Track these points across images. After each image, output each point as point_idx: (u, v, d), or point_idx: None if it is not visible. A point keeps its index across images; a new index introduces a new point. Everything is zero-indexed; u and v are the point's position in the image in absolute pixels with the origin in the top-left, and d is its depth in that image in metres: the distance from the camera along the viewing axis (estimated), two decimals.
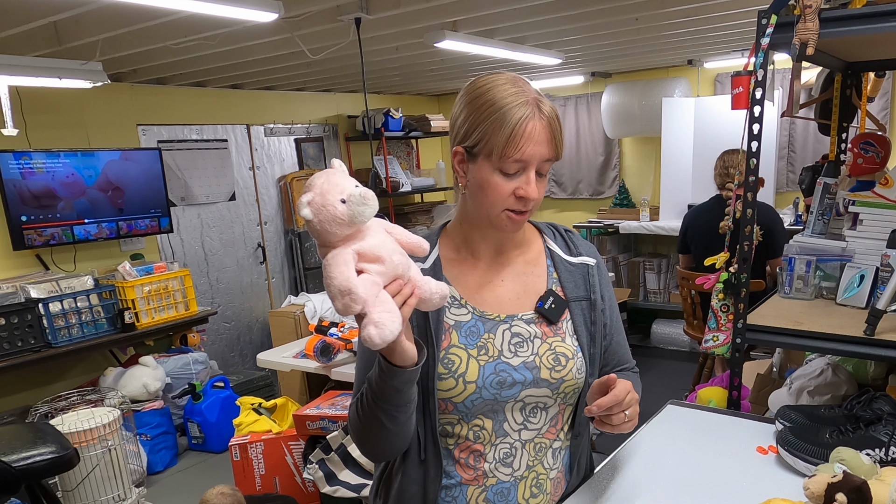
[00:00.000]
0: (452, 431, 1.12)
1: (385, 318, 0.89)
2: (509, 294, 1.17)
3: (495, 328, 1.13)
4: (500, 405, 1.11)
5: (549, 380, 1.12)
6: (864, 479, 1.05)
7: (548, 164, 1.07)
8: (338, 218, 0.88)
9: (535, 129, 1.03)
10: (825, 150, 3.79)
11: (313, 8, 2.95)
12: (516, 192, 1.06)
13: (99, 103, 4.41)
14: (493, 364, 1.10)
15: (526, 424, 1.13)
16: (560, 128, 1.07)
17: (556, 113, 1.07)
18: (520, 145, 1.02)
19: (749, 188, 1.70)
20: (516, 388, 1.10)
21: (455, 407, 1.10)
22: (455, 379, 1.09)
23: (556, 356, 1.13)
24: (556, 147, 1.06)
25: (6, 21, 2.77)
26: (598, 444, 3.70)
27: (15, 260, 4.04)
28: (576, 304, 1.18)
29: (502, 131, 1.02)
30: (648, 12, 3.30)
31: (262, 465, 3.05)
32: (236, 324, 5.46)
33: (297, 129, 5.86)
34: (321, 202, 0.88)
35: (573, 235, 1.28)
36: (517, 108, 1.03)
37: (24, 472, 2.29)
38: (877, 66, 2.19)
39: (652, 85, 5.53)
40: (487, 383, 1.09)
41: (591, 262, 1.23)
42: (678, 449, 1.42)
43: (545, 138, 1.04)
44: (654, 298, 5.75)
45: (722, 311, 1.90)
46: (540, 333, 1.14)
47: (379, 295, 0.91)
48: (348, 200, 0.88)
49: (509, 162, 1.04)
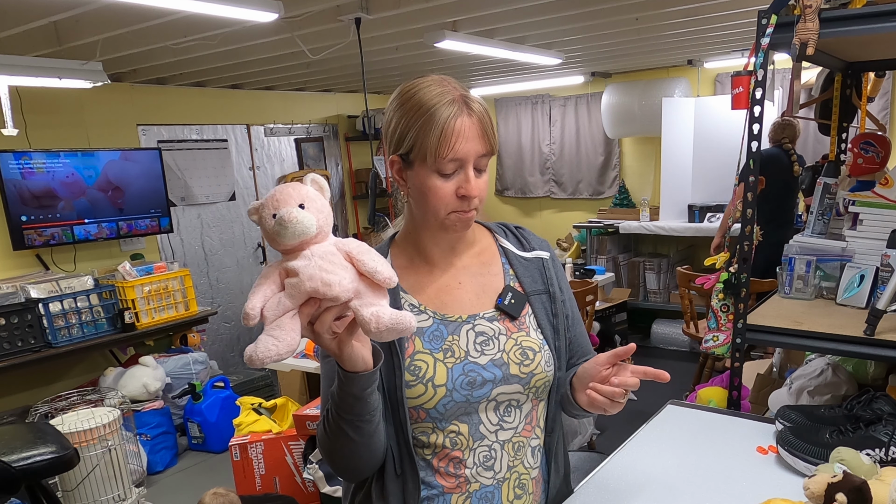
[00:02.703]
0: (428, 441, 1.10)
1: (264, 342, 0.86)
2: (468, 295, 1.15)
3: (458, 329, 1.12)
4: (472, 406, 1.09)
5: (518, 375, 1.11)
6: (864, 479, 1.05)
7: (484, 159, 1.06)
8: (266, 231, 0.89)
9: (464, 125, 1.02)
10: (825, 150, 3.81)
11: (313, 8, 2.95)
12: (458, 191, 1.05)
13: (99, 103, 4.41)
14: (461, 365, 1.09)
15: (502, 424, 1.12)
16: (491, 122, 1.07)
17: (484, 108, 1.07)
18: (452, 144, 1.02)
19: (749, 188, 1.70)
20: (487, 386, 1.09)
21: (427, 413, 1.08)
22: (424, 384, 1.07)
23: (522, 350, 1.12)
24: (489, 141, 1.05)
25: (6, 21, 2.77)
26: (598, 444, 3.70)
27: (15, 260, 4.04)
28: (535, 297, 1.17)
29: (433, 132, 1.02)
30: (648, 12, 3.30)
31: (262, 465, 3.05)
32: (236, 324, 5.46)
33: (297, 129, 5.86)
34: (262, 211, 0.89)
35: (524, 231, 1.27)
36: (444, 107, 1.02)
37: (24, 472, 2.29)
38: (877, 66, 2.19)
39: (652, 85, 5.53)
40: (458, 385, 1.07)
41: (545, 256, 1.22)
42: (678, 449, 1.42)
43: (476, 133, 1.04)
44: (654, 298, 5.75)
45: (722, 311, 1.90)
46: (504, 330, 1.13)
47: (282, 317, 0.87)
48: (277, 219, 0.87)
49: (445, 162, 1.03)
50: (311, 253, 0.89)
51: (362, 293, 0.90)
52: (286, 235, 0.87)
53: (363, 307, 0.89)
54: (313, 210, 0.89)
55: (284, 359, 0.90)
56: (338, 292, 0.87)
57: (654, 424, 1.56)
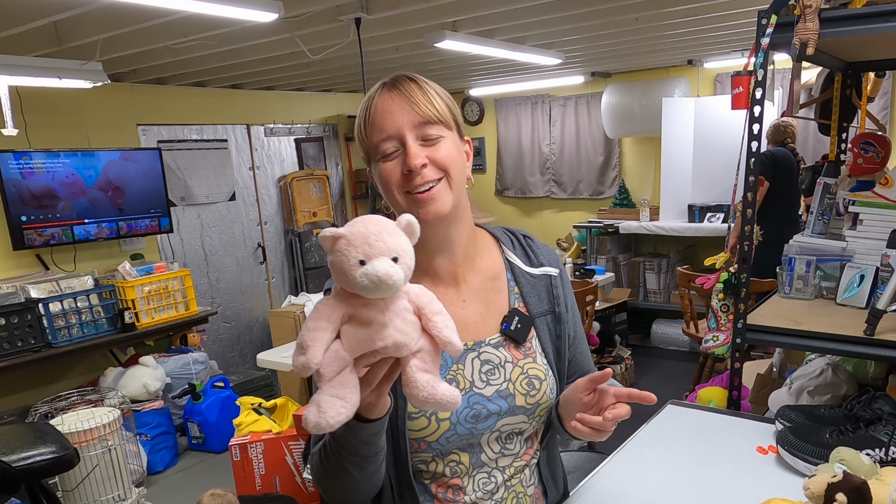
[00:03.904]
0: (427, 469, 1.06)
1: (330, 405, 0.75)
2: (473, 316, 1.09)
3: (464, 357, 1.06)
4: (475, 438, 1.05)
5: (524, 406, 1.06)
6: (864, 479, 1.05)
7: (429, 126, 0.99)
8: (346, 275, 0.75)
9: (385, 100, 0.99)
10: (825, 150, 3.81)
11: (313, 8, 2.95)
12: (402, 168, 0.98)
13: (99, 103, 4.41)
14: (466, 397, 1.03)
15: (503, 452, 1.08)
16: (422, 88, 1.00)
17: (415, 80, 1.01)
18: (377, 123, 0.98)
19: (749, 188, 1.70)
20: (492, 419, 1.05)
21: (429, 445, 1.03)
22: (427, 418, 1.01)
23: (529, 380, 1.07)
24: (420, 107, 0.98)
25: (6, 21, 2.77)
26: (598, 444, 3.70)
27: (15, 260, 4.04)
28: (541, 319, 1.12)
29: (364, 120, 1.01)
30: (648, 12, 3.30)
31: (262, 465, 3.05)
32: (236, 324, 5.46)
33: (297, 129, 5.86)
34: (343, 247, 0.75)
35: (532, 242, 1.20)
36: (370, 93, 1.01)
37: (24, 472, 2.29)
38: (877, 66, 2.19)
39: (652, 85, 5.53)
40: (462, 418, 1.03)
41: (553, 273, 1.15)
42: (678, 449, 1.42)
43: (402, 104, 0.98)
44: (654, 298, 5.75)
45: (722, 311, 1.91)
46: (510, 357, 1.08)
47: (343, 372, 0.77)
48: (364, 269, 0.74)
49: (381, 144, 0.99)
50: (385, 307, 0.78)
51: (423, 352, 0.81)
52: (374, 293, 0.75)
53: (418, 371, 0.80)
54: (404, 266, 0.76)
55: None
56: (406, 354, 0.79)
57: (654, 424, 1.56)
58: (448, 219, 1.03)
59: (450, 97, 1.05)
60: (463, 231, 1.09)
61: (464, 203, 1.07)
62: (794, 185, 4.14)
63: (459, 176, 1.02)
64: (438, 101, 1.00)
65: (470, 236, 1.11)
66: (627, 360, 4.81)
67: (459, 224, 1.07)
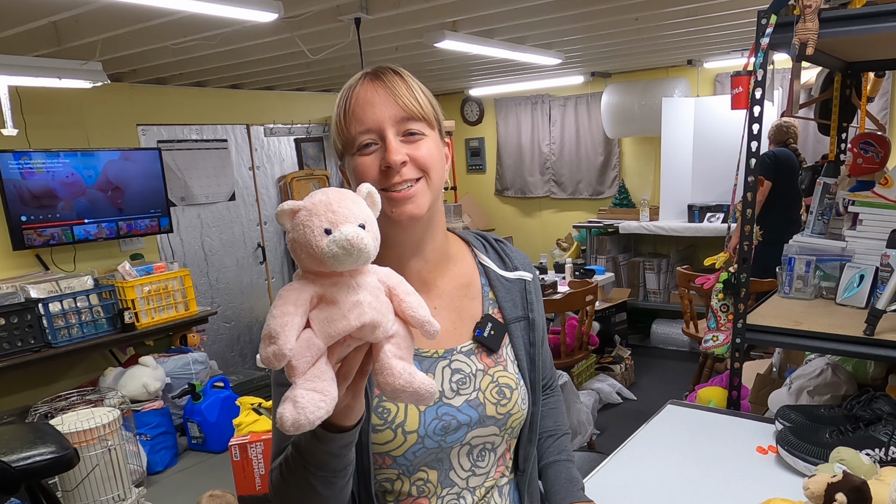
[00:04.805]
0: (392, 488, 0.98)
1: (308, 399, 0.67)
2: (445, 323, 1.02)
3: (434, 366, 0.99)
4: (444, 452, 0.98)
5: (495, 416, 1.00)
6: (864, 479, 1.05)
7: (411, 122, 0.93)
8: (311, 247, 0.69)
9: (366, 91, 0.93)
10: (825, 150, 3.81)
11: (313, 8, 2.95)
12: (381, 165, 0.92)
13: (99, 103, 4.41)
14: (435, 408, 0.96)
15: (474, 470, 1.02)
16: (406, 82, 0.94)
17: (399, 73, 0.95)
18: (357, 114, 0.92)
19: (749, 188, 1.70)
20: (461, 430, 0.98)
21: (394, 461, 0.96)
22: (393, 430, 0.94)
23: (499, 388, 1.01)
24: (404, 101, 0.92)
25: (6, 21, 2.77)
26: (598, 444, 3.71)
27: (15, 260, 4.04)
28: (515, 325, 1.06)
29: (342, 111, 0.94)
30: (648, 12, 3.30)
31: (262, 465, 3.05)
32: (236, 324, 5.46)
33: (296, 129, 5.86)
34: (305, 218, 0.69)
35: (506, 246, 1.14)
36: (350, 84, 0.95)
37: (24, 472, 2.29)
38: (877, 66, 2.19)
39: (652, 85, 5.53)
40: (430, 430, 0.95)
41: (527, 278, 1.10)
42: (678, 449, 1.42)
43: (387, 97, 0.92)
44: (654, 298, 5.75)
45: (722, 311, 1.91)
46: (482, 366, 1.02)
47: (318, 363, 0.69)
48: (332, 236, 0.68)
49: (359, 137, 0.92)
50: (356, 284, 0.71)
51: (397, 338, 0.75)
52: (345, 261, 0.68)
53: (394, 357, 0.73)
54: (372, 233, 0.71)
55: None
56: (381, 338, 0.72)
57: (654, 424, 1.56)
58: (422, 221, 0.97)
59: (432, 96, 1.00)
60: (436, 235, 1.03)
61: (439, 206, 1.01)
62: (795, 185, 4.15)
63: (438, 177, 0.97)
64: (422, 98, 0.95)
65: (442, 241, 1.05)
66: (627, 360, 4.81)
67: (433, 228, 1.01)
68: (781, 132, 4.26)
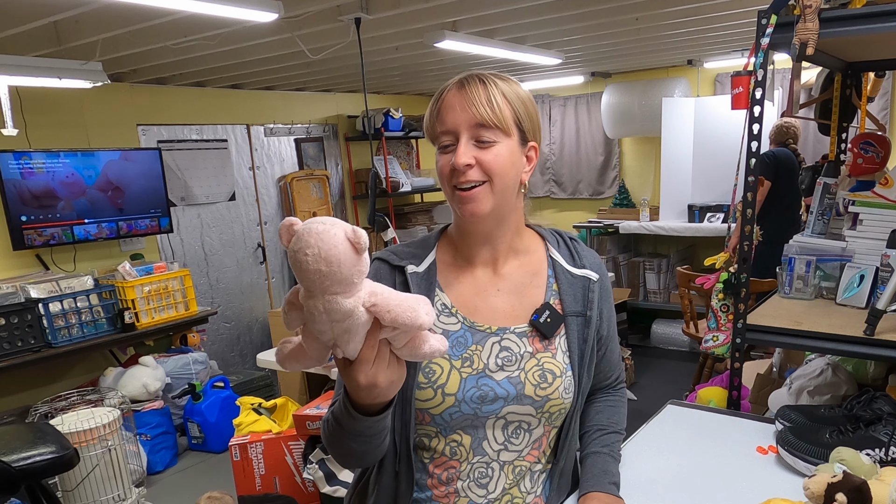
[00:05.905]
0: (429, 445, 1.08)
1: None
2: (504, 305, 1.11)
3: (484, 340, 1.08)
4: (480, 421, 1.06)
5: (533, 397, 1.07)
6: (864, 479, 1.05)
7: (484, 129, 1.02)
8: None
9: (453, 97, 1.04)
10: (825, 150, 3.82)
11: (313, 8, 2.95)
12: (452, 165, 1.04)
13: (99, 103, 4.41)
14: (476, 378, 1.05)
15: (507, 445, 1.08)
16: (487, 91, 1.03)
17: (485, 81, 1.04)
18: (440, 116, 1.04)
19: (749, 188, 1.70)
20: (498, 403, 1.06)
21: (432, 419, 1.05)
22: (434, 390, 1.04)
23: (542, 373, 1.08)
24: (478, 109, 1.02)
25: (6, 21, 2.77)
26: None
27: (15, 260, 4.04)
28: (572, 319, 1.12)
29: (433, 112, 1.07)
30: (648, 12, 3.30)
31: (262, 465, 3.05)
32: (236, 324, 5.46)
33: (297, 129, 5.86)
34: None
35: (579, 245, 1.21)
36: (444, 86, 1.07)
37: (24, 472, 2.29)
38: (877, 66, 2.19)
39: (652, 85, 5.53)
40: (468, 397, 1.04)
41: (593, 277, 1.16)
42: (678, 449, 1.42)
43: (466, 103, 1.03)
44: (654, 298, 5.75)
45: (722, 311, 1.90)
46: (531, 349, 1.09)
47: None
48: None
49: (440, 136, 1.05)
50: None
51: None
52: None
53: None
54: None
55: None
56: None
57: (654, 424, 1.56)
58: (489, 218, 1.07)
59: (523, 101, 1.08)
60: (507, 230, 1.12)
61: (510, 206, 1.10)
62: (795, 185, 4.16)
63: (504, 182, 1.05)
64: (500, 106, 1.03)
65: (514, 235, 1.14)
66: (627, 360, 4.81)
67: (504, 225, 1.11)
68: (782, 132, 4.27)
